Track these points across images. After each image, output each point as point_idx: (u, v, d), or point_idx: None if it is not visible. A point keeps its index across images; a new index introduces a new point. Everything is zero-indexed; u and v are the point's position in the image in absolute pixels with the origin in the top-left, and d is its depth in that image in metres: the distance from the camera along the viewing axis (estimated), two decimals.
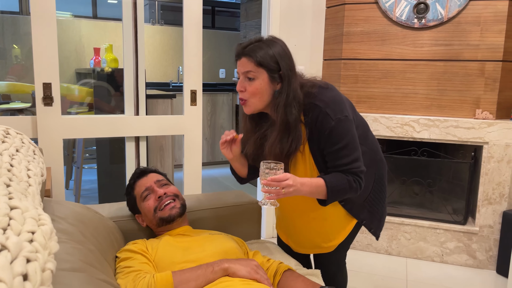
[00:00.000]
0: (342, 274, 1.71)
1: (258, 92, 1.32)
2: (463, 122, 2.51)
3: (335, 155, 1.35)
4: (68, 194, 3.71)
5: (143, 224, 1.52)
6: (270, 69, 1.30)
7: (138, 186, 1.51)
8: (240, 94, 1.36)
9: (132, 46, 2.34)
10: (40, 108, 2.09)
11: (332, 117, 1.32)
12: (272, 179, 1.21)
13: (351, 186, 1.35)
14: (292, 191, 1.25)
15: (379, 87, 2.71)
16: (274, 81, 1.32)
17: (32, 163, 1.06)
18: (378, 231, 1.60)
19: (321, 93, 1.36)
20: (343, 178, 1.34)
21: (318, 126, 1.34)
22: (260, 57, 1.29)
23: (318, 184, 1.31)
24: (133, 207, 1.54)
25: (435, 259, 2.70)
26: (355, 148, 1.36)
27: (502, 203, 2.52)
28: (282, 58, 1.31)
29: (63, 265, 0.92)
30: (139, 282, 1.14)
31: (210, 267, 1.20)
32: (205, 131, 4.97)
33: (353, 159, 1.35)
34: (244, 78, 1.33)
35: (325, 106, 1.33)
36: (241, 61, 1.33)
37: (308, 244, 1.61)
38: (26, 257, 0.55)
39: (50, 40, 2.06)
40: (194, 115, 2.45)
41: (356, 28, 2.70)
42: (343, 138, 1.33)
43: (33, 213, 0.66)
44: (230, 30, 5.65)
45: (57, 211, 1.20)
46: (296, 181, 1.25)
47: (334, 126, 1.32)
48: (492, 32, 2.44)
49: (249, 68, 1.31)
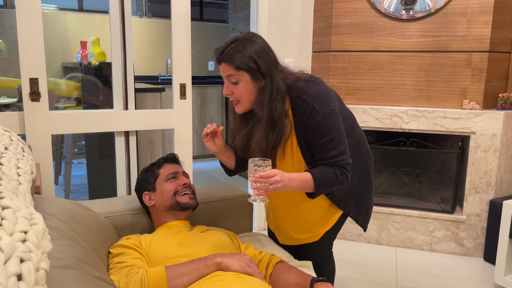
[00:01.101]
0: (329, 263, 1.74)
1: (244, 94, 1.35)
2: (451, 113, 2.54)
3: (322, 148, 1.37)
4: (58, 190, 3.68)
5: (150, 203, 1.51)
6: (251, 70, 1.32)
7: (167, 167, 1.54)
8: (229, 97, 1.39)
9: (120, 39, 2.31)
10: (27, 104, 2.06)
11: (318, 111, 1.34)
12: (260, 175, 1.23)
13: (338, 179, 1.37)
14: (281, 187, 1.27)
15: (368, 78, 2.73)
16: (257, 79, 1.34)
17: (22, 161, 1.05)
18: (365, 222, 1.63)
19: (307, 87, 1.38)
20: (330, 171, 1.36)
21: (305, 120, 1.36)
22: (238, 61, 1.30)
23: (306, 178, 1.34)
24: (149, 184, 1.52)
25: (424, 247, 2.75)
26: (342, 141, 1.39)
27: (489, 191, 2.56)
28: (259, 56, 1.32)
29: (56, 263, 0.92)
30: (132, 277, 1.14)
31: (203, 262, 1.21)
32: (195, 124, 4.95)
33: (339, 152, 1.37)
34: (228, 82, 1.36)
35: (312, 100, 1.35)
36: (221, 66, 1.35)
37: (294, 236, 1.63)
38: (20, 257, 0.55)
39: (35, 34, 2.03)
40: (183, 108, 2.44)
41: (345, 20, 2.70)
42: (330, 132, 1.36)
43: (25, 212, 0.66)
44: (219, 22, 5.61)
45: (48, 209, 1.19)
46: (284, 176, 1.27)
47: (320, 120, 1.34)
48: (478, 23, 2.47)
49: (230, 73, 1.33)
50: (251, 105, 1.39)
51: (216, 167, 4.69)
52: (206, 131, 1.46)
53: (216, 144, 1.49)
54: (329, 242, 1.69)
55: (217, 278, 1.17)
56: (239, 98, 1.37)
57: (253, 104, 1.38)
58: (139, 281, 1.13)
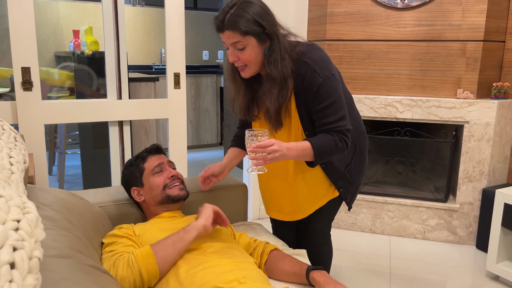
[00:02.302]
0: (328, 246, 1.75)
1: (252, 58, 1.34)
2: (445, 102, 2.55)
3: (322, 113, 1.37)
4: (52, 180, 3.67)
5: (140, 199, 1.49)
6: (256, 33, 1.30)
7: (151, 160, 1.51)
8: (235, 63, 1.37)
9: (113, 28, 2.28)
10: (19, 93, 2.04)
11: (320, 74, 1.34)
12: (257, 145, 1.23)
13: (337, 146, 1.36)
14: (279, 156, 1.26)
15: (363, 68, 2.72)
16: (263, 41, 1.34)
17: (14, 150, 1.04)
18: (351, 202, 1.64)
19: (309, 51, 1.38)
20: (329, 138, 1.36)
21: (306, 83, 1.36)
22: (244, 26, 1.28)
23: (304, 147, 1.33)
24: (135, 179, 1.50)
25: (417, 236, 2.77)
26: (341, 106, 1.38)
27: (482, 180, 2.58)
28: (262, 18, 1.31)
29: (50, 252, 0.92)
30: (120, 262, 1.15)
31: (181, 230, 1.24)
32: (190, 114, 4.93)
33: (339, 117, 1.37)
34: (233, 48, 1.33)
35: (313, 63, 1.35)
36: (224, 34, 1.32)
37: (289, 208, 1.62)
38: (13, 246, 0.55)
39: (27, 23, 2.00)
40: (178, 98, 2.43)
41: (340, 8, 2.69)
42: (330, 95, 1.35)
43: (17, 201, 0.66)
44: (213, 11, 5.56)
45: (42, 198, 1.19)
46: (282, 146, 1.27)
47: (321, 83, 1.34)
48: (473, 12, 2.46)
49: (236, 39, 1.30)
50: (258, 68, 1.38)
51: (211, 157, 4.69)
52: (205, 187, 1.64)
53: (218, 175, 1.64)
54: (327, 224, 1.69)
55: (212, 264, 1.17)
56: (247, 63, 1.35)
57: (260, 66, 1.37)
58: (126, 263, 1.14)
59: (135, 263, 1.14)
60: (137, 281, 1.14)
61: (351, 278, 2.28)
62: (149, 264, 1.15)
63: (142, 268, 1.14)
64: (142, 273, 1.14)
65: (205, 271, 1.14)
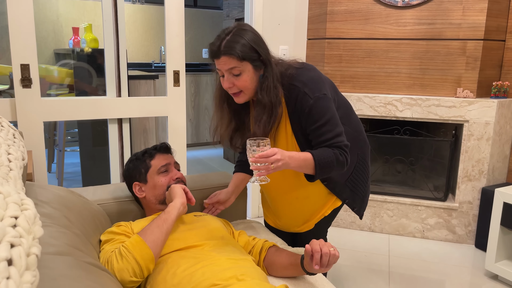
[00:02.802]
0: None
1: (248, 84, 1.34)
2: (445, 101, 2.55)
3: (317, 132, 1.37)
4: (51, 178, 3.67)
5: (141, 195, 1.49)
6: (253, 59, 1.31)
7: (159, 158, 1.51)
8: (230, 90, 1.37)
9: (113, 25, 2.28)
10: (18, 90, 2.04)
11: (310, 96, 1.35)
12: (260, 155, 1.22)
13: (338, 159, 1.36)
14: (281, 165, 1.25)
15: (363, 66, 2.72)
16: (257, 68, 1.34)
17: (13, 147, 1.04)
18: (361, 210, 1.63)
19: (299, 74, 1.38)
20: (330, 152, 1.35)
21: (298, 106, 1.37)
22: (240, 51, 1.28)
23: (306, 157, 1.33)
24: (139, 174, 1.50)
25: (416, 235, 2.77)
26: (336, 124, 1.38)
27: (481, 179, 2.58)
28: (258, 44, 1.32)
29: (49, 249, 0.92)
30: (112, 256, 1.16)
31: (162, 213, 1.29)
32: (189, 112, 4.93)
33: (335, 134, 1.37)
34: (229, 75, 1.34)
35: (303, 86, 1.36)
36: (220, 60, 1.32)
37: (290, 223, 1.64)
38: (10, 242, 0.55)
39: (26, 20, 2.00)
40: (177, 96, 2.42)
41: (340, 7, 2.68)
42: (324, 115, 1.36)
43: (15, 198, 0.66)
44: (213, 9, 5.55)
45: (40, 195, 1.18)
46: (284, 154, 1.26)
47: (313, 105, 1.34)
48: (473, 11, 2.46)
49: (233, 65, 1.31)
50: (252, 94, 1.38)
51: (210, 155, 4.68)
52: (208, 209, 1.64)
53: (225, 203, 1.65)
54: (324, 229, 1.70)
55: (210, 262, 1.17)
56: (242, 89, 1.35)
57: (254, 93, 1.38)
58: (120, 255, 1.15)
59: (128, 252, 1.15)
60: (136, 269, 1.14)
61: (350, 276, 2.28)
62: (142, 250, 1.16)
63: (137, 255, 1.15)
64: (138, 259, 1.14)
65: (204, 269, 1.14)
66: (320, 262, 1.16)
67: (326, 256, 1.15)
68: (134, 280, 1.14)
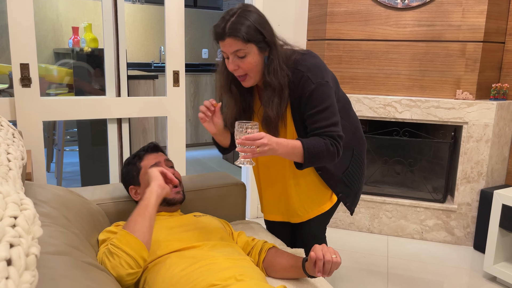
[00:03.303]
0: None
1: (253, 67, 1.34)
2: (444, 103, 2.55)
3: (313, 118, 1.37)
4: (50, 177, 3.66)
5: (137, 197, 1.49)
6: (257, 41, 1.31)
7: (148, 159, 1.50)
8: (235, 72, 1.36)
9: (112, 25, 2.28)
10: (18, 90, 2.03)
11: (313, 81, 1.35)
12: (246, 137, 1.21)
13: (328, 150, 1.35)
14: (267, 150, 1.25)
15: (362, 67, 2.72)
16: (262, 50, 1.34)
17: (12, 147, 1.04)
18: (353, 206, 1.64)
19: (303, 59, 1.39)
20: (320, 141, 1.35)
21: (300, 90, 1.37)
22: (245, 33, 1.28)
23: (295, 145, 1.32)
24: (133, 178, 1.50)
25: (415, 236, 2.78)
26: (334, 113, 1.38)
27: (480, 181, 2.59)
28: (262, 26, 1.32)
29: (48, 249, 0.92)
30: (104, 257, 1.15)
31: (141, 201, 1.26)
32: (189, 112, 4.93)
33: (331, 123, 1.37)
34: (234, 57, 1.33)
35: (306, 70, 1.36)
36: (225, 42, 1.31)
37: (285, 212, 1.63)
38: (10, 242, 0.55)
39: (26, 19, 1.99)
40: (177, 96, 2.42)
41: (340, 8, 2.68)
42: (323, 102, 1.36)
43: (15, 197, 0.65)
44: (213, 9, 5.55)
45: (39, 195, 1.18)
46: (272, 140, 1.26)
47: (314, 89, 1.35)
48: (473, 13, 2.46)
49: (238, 47, 1.30)
50: (259, 77, 1.38)
51: (209, 155, 4.68)
52: (205, 111, 1.41)
53: (215, 124, 1.44)
54: (322, 227, 1.70)
55: (209, 262, 1.17)
56: (247, 72, 1.35)
57: (260, 76, 1.38)
58: (109, 253, 1.13)
59: (116, 248, 1.13)
60: (129, 261, 1.12)
61: (348, 277, 2.28)
62: (130, 241, 1.14)
63: (126, 248, 1.13)
64: (128, 251, 1.13)
65: (202, 269, 1.14)
66: (323, 269, 1.16)
67: (329, 264, 1.16)
68: (131, 272, 1.13)
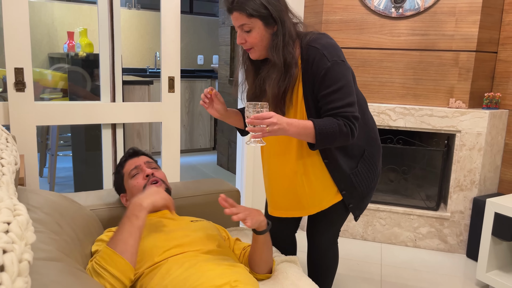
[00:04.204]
0: (334, 252, 1.74)
1: (258, 41, 1.36)
2: (437, 111, 2.57)
3: (328, 98, 1.35)
4: (42, 182, 3.64)
5: (127, 204, 1.50)
6: (263, 16, 1.33)
7: (128, 164, 1.52)
8: (243, 46, 1.40)
9: (108, 30, 2.28)
10: (12, 94, 2.02)
11: (328, 59, 1.34)
12: (256, 116, 1.22)
13: (341, 130, 1.33)
14: (277, 129, 1.25)
15: (357, 75, 2.74)
16: (269, 25, 1.36)
17: (5, 151, 1.03)
18: (357, 211, 1.58)
19: (319, 38, 1.40)
20: (333, 121, 1.33)
21: (314, 68, 1.36)
22: (251, 9, 1.31)
23: (306, 125, 1.31)
24: (120, 186, 1.53)
25: (409, 244, 2.78)
26: (350, 93, 1.36)
27: (473, 189, 2.60)
28: (269, 2, 1.33)
29: (40, 255, 0.91)
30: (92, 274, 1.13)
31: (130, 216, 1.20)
32: (183, 118, 4.93)
33: (346, 103, 1.35)
34: (241, 31, 1.37)
35: (322, 48, 1.36)
36: (233, 16, 1.35)
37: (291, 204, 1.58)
38: (2, 248, 0.54)
39: (21, 23, 1.99)
40: (172, 102, 2.42)
41: (335, 16, 2.71)
42: (338, 81, 1.34)
43: (8, 203, 0.65)
44: (209, 16, 5.58)
45: (32, 201, 1.17)
46: (282, 120, 1.26)
47: (329, 68, 1.34)
48: (466, 23, 2.49)
49: (243, 21, 1.33)
50: (265, 51, 1.40)
51: (204, 161, 4.68)
52: (203, 98, 1.45)
53: (216, 109, 1.46)
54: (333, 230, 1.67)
55: (204, 268, 1.16)
56: (253, 46, 1.37)
57: (266, 50, 1.39)
58: (95, 273, 1.12)
59: (101, 269, 1.11)
60: (114, 282, 1.11)
61: (342, 284, 2.28)
62: (117, 262, 1.12)
63: (112, 269, 1.11)
64: (114, 273, 1.11)
65: (197, 275, 1.13)
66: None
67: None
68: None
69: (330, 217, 1.61)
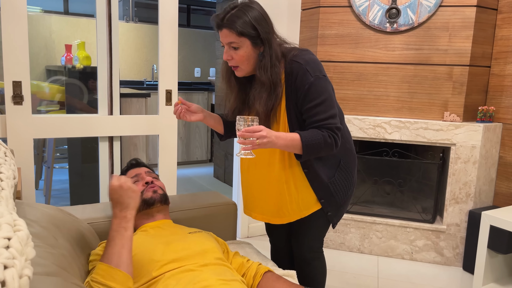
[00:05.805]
0: (320, 262, 1.74)
1: (245, 59, 1.41)
2: (432, 124, 2.60)
3: (311, 111, 1.42)
4: (38, 194, 3.62)
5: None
6: (251, 36, 1.37)
7: (129, 173, 1.56)
8: (229, 62, 1.44)
9: (106, 43, 2.30)
10: (9, 107, 2.03)
11: (311, 74, 1.40)
12: (246, 130, 1.28)
13: (326, 141, 1.40)
14: (267, 142, 1.31)
15: (352, 89, 2.77)
16: (257, 45, 1.40)
17: (4, 166, 1.04)
18: (335, 218, 1.63)
19: (302, 54, 1.45)
20: (318, 133, 1.40)
21: (298, 83, 1.42)
22: (240, 27, 1.35)
23: (293, 138, 1.37)
24: None
25: (405, 256, 2.78)
26: (332, 106, 1.43)
27: (468, 202, 2.62)
28: (259, 23, 1.38)
29: (37, 269, 0.91)
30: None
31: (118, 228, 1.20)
32: (180, 130, 4.93)
33: (329, 115, 1.42)
34: (228, 48, 1.41)
35: (305, 63, 1.42)
36: (222, 32, 1.39)
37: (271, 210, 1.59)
38: (3, 264, 0.55)
39: (20, 37, 2.01)
40: (169, 115, 2.44)
41: (331, 31, 2.74)
42: (321, 94, 1.41)
43: (8, 218, 0.65)
44: (206, 29, 5.63)
45: (29, 214, 1.17)
46: (271, 133, 1.32)
47: (312, 82, 1.40)
48: (459, 38, 2.54)
49: (232, 39, 1.38)
50: (250, 69, 1.44)
51: (201, 174, 4.67)
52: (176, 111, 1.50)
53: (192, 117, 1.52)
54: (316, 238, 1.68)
55: (202, 282, 1.16)
56: (239, 64, 1.42)
57: (252, 69, 1.44)
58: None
59: (100, 285, 1.11)
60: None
61: None
62: (113, 275, 1.12)
63: (110, 283, 1.11)
64: (113, 286, 1.11)
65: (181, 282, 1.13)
66: None
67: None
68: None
69: (310, 225, 1.64)
